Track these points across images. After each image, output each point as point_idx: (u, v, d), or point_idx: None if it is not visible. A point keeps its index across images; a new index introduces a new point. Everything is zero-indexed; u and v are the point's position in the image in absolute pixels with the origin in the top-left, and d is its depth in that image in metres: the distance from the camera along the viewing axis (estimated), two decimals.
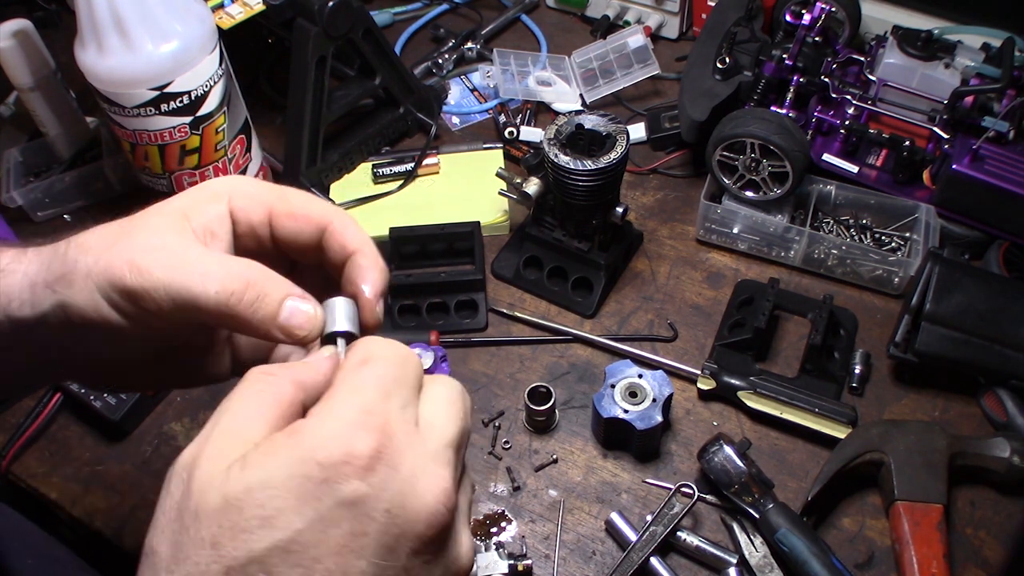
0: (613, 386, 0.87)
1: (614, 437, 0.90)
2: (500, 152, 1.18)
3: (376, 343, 0.47)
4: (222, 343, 0.59)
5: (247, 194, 0.53)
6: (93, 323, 0.49)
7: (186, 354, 0.58)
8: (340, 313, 0.50)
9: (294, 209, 0.53)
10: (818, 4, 1.07)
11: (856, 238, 1.05)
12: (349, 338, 0.50)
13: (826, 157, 1.09)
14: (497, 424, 0.94)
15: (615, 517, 0.84)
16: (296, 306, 0.49)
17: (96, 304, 0.49)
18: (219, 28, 1.00)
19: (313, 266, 0.55)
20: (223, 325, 0.50)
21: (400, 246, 1.06)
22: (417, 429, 0.44)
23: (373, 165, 1.17)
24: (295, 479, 0.39)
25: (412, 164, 1.15)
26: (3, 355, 0.54)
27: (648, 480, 0.89)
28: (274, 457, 0.40)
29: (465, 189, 1.14)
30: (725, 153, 1.02)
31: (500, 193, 1.03)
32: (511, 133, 1.18)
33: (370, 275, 0.52)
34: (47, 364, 0.56)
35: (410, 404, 0.45)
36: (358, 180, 1.18)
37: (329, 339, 0.50)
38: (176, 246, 0.49)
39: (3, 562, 0.66)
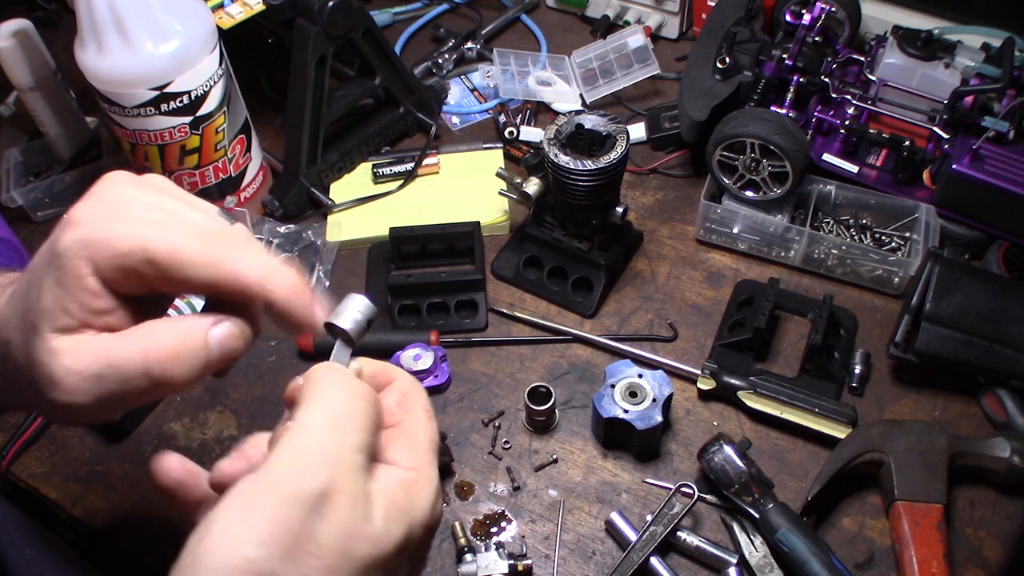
0: (613, 386, 0.87)
1: (614, 437, 0.90)
2: (500, 152, 1.19)
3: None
4: None
5: (110, 265, 0.46)
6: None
7: None
8: (344, 308, 0.50)
9: (169, 275, 0.46)
10: (818, 4, 1.07)
11: (856, 238, 1.05)
12: (345, 336, 0.50)
13: (826, 157, 1.09)
14: (497, 424, 0.94)
15: (615, 517, 0.84)
16: (217, 335, 0.47)
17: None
18: (219, 28, 1.00)
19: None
20: (169, 393, 0.49)
21: (400, 246, 1.06)
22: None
23: (373, 165, 1.17)
24: (267, 514, 0.40)
25: (412, 164, 1.15)
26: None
27: (648, 480, 0.89)
28: (241, 496, 0.41)
29: (465, 189, 1.14)
30: (725, 153, 1.02)
31: (500, 193, 1.03)
32: (511, 133, 1.18)
33: (295, 312, 0.48)
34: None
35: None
36: (358, 180, 1.18)
37: (329, 329, 0.50)
38: (79, 364, 0.46)
39: (2, 554, 0.66)
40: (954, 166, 0.96)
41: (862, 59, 1.09)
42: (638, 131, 1.20)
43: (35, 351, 0.46)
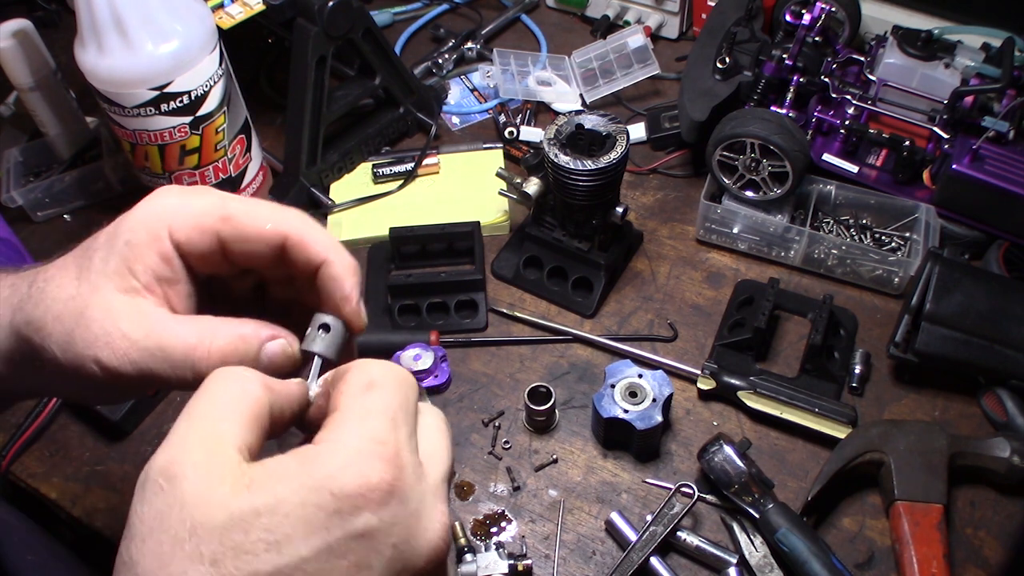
0: (613, 386, 0.87)
1: (614, 437, 0.90)
2: (500, 152, 1.19)
3: (376, 367, 0.45)
4: None
5: (186, 223, 0.48)
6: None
7: None
8: (336, 342, 0.49)
9: (243, 230, 0.49)
10: (818, 4, 1.07)
11: (856, 238, 1.05)
12: (325, 360, 0.49)
13: (826, 157, 1.09)
14: (497, 424, 0.94)
15: (615, 517, 0.84)
16: (273, 352, 0.47)
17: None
18: (219, 28, 1.00)
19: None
20: None
21: (400, 246, 1.06)
22: (420, 462, 0.43)
23: (373, 165, 1.17)
24: (307, 507, 0.38)
25: (412, 164, 1.15)
26: None
27: (648, 480, 0.89)
28: (286, 482, 0.39)
29: (465, 189, 1.14)
30: (725, 153, 1.02)
31: (500, 193, 1.03)
32: (511, 133, 1.18)
33: (346, 285, 0.49)
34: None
35: (413, 433, 0.44)
36: (358, 180, 1.18)
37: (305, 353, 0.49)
38: (137, 330, 0.46)
39: (2, 559, 0.66)
40: (954, 166, 0.96)
41: (862, 59, 1.09)
42: (638, 131, 1.20)
43: (91, 307, 0.46)
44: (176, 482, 0.38)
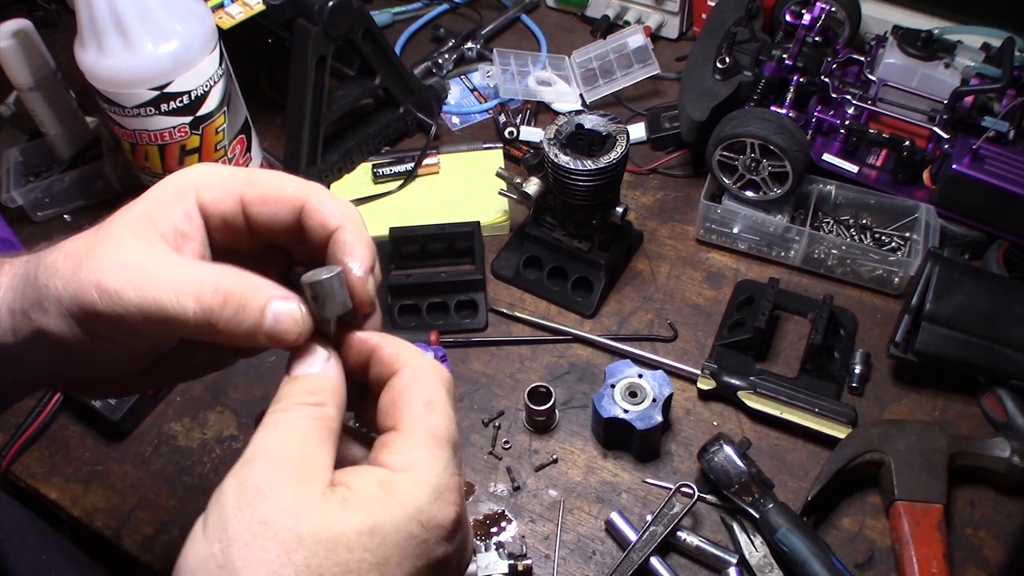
0: (613, 386, 0.87)
1: (614, 437, 0.90)
2: (500, 152, 1.18)
3: (430, 380, 0.47)
4: None
5: (213, 185, 0.50)
6: (73, 347, 0.48)
7: (175, 357, 0.56)
8: (329, 295, 0.47)
9: (265, 193, 0.50)
10: (818, 4, 1.07)
11: (856, 238, 1.05)
12: (342, 319, 0.48)
13: (826, 157, 1.09)
14: (497, 424, 0.94)
15: (615, 517, 0.84)
16: (280, 310, 0.46)
17: (72, 330, 0.47)
18: (219, 28, 1.00)
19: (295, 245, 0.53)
20: (205, 338, 0.46)
21: (400, 246, 1.06)
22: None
23: (373, 165, 1.17)
24: (401, 533, 0.42)
25: (412, 164, 1.15)
26: None
27: (648, 480, 0.89)
28: (378, 507, 0.42)
29: (465, 189, 1.14)
30: (725, 153, 1.02)
31: (500, 193, 1.03)
32: (511, 133, 1.18)
33: (356, 250, 0.49)
34: (35, 380, 0.55)
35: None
36: (358, 180, 1.18)
37: (321, 320, 0.48)
38: (145, 261, 0.46)
39: (3, 554, 0.66)
40: (954, 166, 0.96)
41: (862, 59, 1.09)
42: (638, 131, 1.20)
43: (104, 243, 0.46)
44: (281, 492, 0.40)
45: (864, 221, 1.07)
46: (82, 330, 0.47)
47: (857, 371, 0.95)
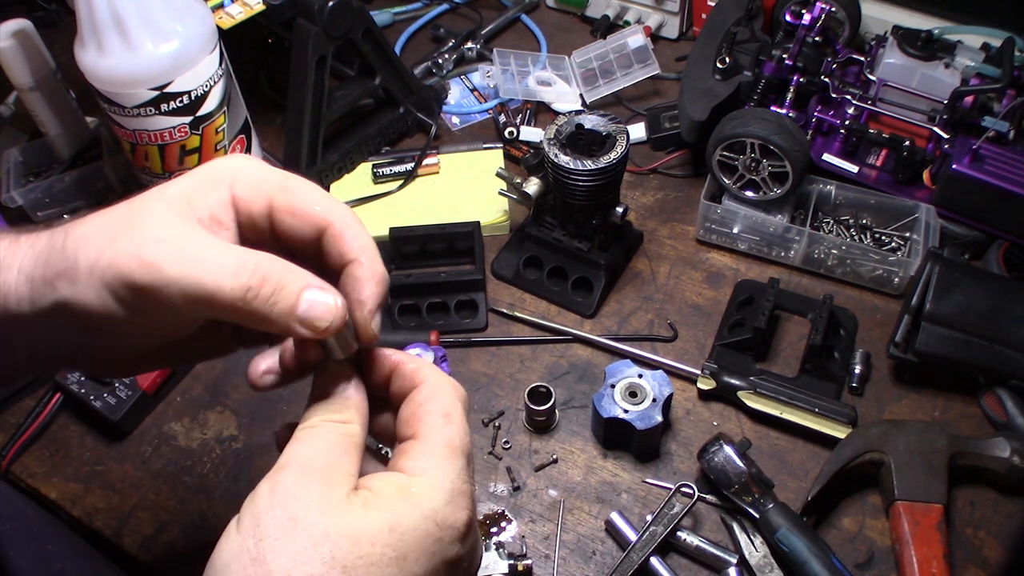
0: (613, 386, 0.87)
1: (614, 437, 0.90)
2: (500, 152, 1.18)
3: (447, 396, 0.51)
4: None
5: (249, 182, 0.50)
6: (98, 319, 0.47)
7: (192, 339, 0.56)
8: (338, 340, 0.50)
9: (295, 205, 0.50)
10: (818, 4, 1.07)
11: (856, 238, 1.05)
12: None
13: (826, 157, 1.09)
14: (497, 424, 0.94)
15: (615, 517, 0.84)
16: (315, 298, 0.46)
17: (103, 301, 0.46)
18: (219, 28, 1.00)
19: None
20: (238, 320, 0.47)
21: (400, 246, 1.06)
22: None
23: (373, 165, 1.17)
24: (418, 531, 0.45)
25: (412, 164, 1.15)
26: (1, 348, 0.53)
27: (648, 480, 0.89)
28: (397, 507, 0.45)
29: (465, 189, 1.14)
30: (725, 153, 1.02)
31: (500, 193, 1.03)
32: (511, 133, 1.18)
33: (367, 289, 0.50)
34: (48, 357, 0.55)
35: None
36: (358, 180, 1.18)
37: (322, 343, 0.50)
38: (184, 237, 0.46)
39: (3, 550, 0.66)
40: (954, 166, 0.96)
41: (862, 59, 1.09)
42: (638, 131, 1.20)
43: (142, 216, 0.47)
44: (309, 493, 0.44)
45: (864, 221, 1.07)
46: (115, 300, 0.46)
47: (857, 371, 0.95)
